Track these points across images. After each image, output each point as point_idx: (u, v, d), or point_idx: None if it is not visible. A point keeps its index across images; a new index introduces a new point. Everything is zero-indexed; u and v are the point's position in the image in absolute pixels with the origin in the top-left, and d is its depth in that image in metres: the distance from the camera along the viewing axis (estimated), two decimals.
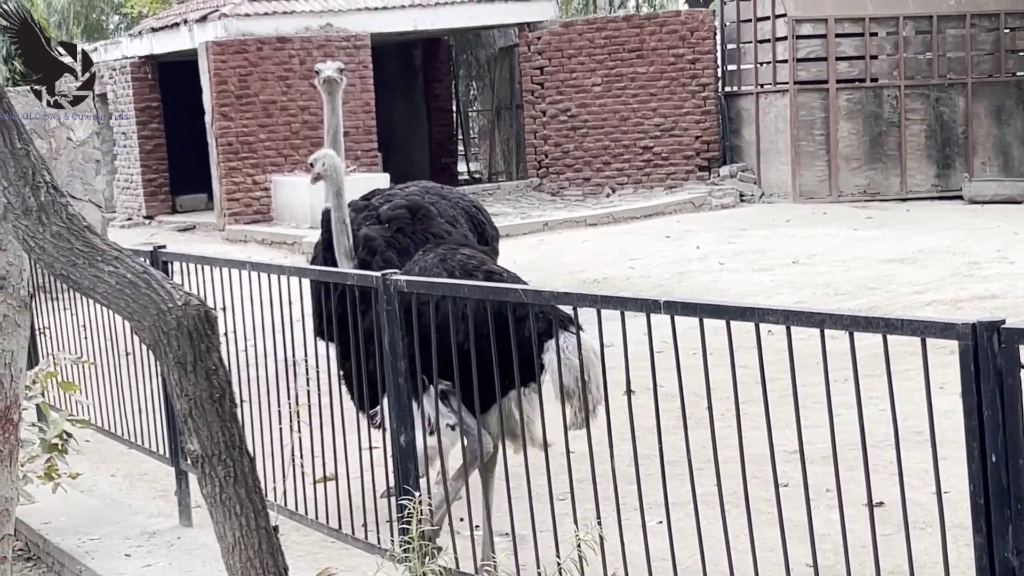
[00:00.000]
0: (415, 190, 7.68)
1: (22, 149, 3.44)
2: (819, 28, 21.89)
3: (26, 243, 3.44)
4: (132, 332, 3.67)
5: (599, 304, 4.57)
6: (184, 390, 3.37)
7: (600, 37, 24.38)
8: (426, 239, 7.18)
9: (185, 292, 3.48)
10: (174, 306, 3.43)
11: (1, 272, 4.52)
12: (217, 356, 3.45)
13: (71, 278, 3.43)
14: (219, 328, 3.72)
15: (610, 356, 4.66)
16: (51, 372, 7.35)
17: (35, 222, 3.43)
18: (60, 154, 17.93)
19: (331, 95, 7.47)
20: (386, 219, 7.29)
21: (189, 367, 3.39)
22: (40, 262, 3.52)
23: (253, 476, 3.50)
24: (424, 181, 8.40)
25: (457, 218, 7.48)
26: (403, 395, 5.35)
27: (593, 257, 17.27)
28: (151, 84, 25.96)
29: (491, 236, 7.86)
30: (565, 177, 24.72)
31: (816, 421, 4.44)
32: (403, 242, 7.14)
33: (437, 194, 7.71)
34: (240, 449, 3.46)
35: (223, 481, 3.41)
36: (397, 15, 24.10)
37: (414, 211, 7.30)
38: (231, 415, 3.44)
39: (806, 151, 22.06)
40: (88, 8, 48.69)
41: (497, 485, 6.27)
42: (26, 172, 3.45)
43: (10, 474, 4.74)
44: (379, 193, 7.77)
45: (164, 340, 3.39)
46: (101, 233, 15.54)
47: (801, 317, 3.98)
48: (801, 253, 16.09)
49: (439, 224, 7.30)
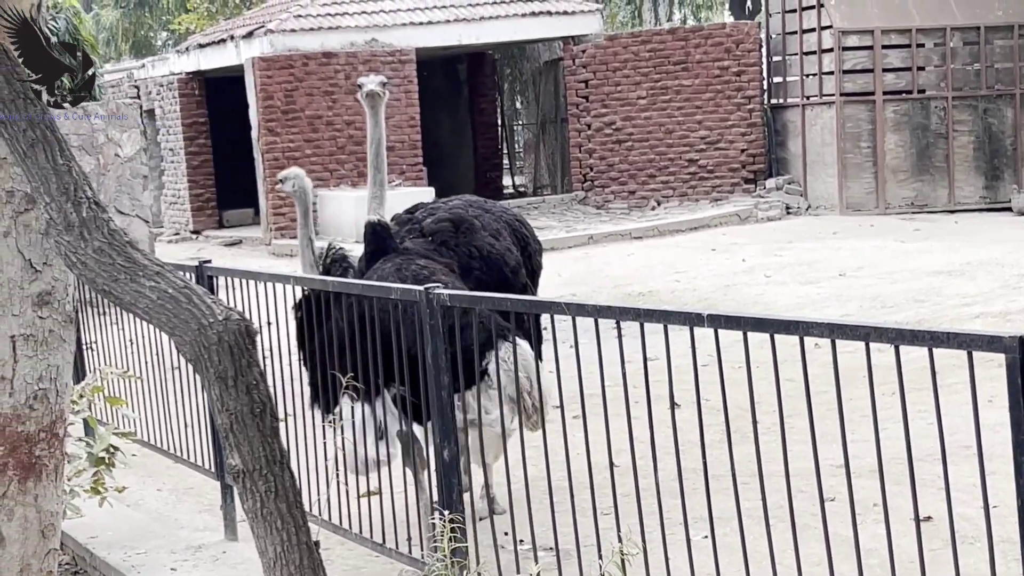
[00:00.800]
0: (459, 204, 7.67)
1: (64, 165, 3.46)
2: (865, 40, 21.77)
3: (68, 259, 3.45)
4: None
5: (642, 318, 4.54)
6: (225, 405, 3.37)
7: (645, 50, 24.35)
8: (469, 252, 7.17)
9: (226, 307, 3.48)
10: (215, 321, 3.43)
11: (47, 287, 4.54)
12: (258, 371, 3.45)
13: (113, 293, 3.44)
14: (261, 343, 3.73)
15: (654, 370, 4.62)
16: (98, 387, 7.39)
17: (77, 238, 3.44)
18: (108, 170, 18.07)
19: (374, 109, 7.47)
20: (429, 232, 7.29)
21: (230, 382, 3.39)
22: (82, 277, 3.54)
23: (294, 491, 3.50)
24: (468, 195, 8.38)
25: (500, 231, 7.46)
26: (446, 410, 5.34)
27: (638, 270, 17.22)
28: (198, 100, 26.13)
29: (534, 250, 7.83)
30: (610, 190, 24.68)
31: (864, 435, 4.40)
32: (445, 255, 7.13)
33: (480, 208, 7.69)
34: (281, 464, 3.45)
35: (264, 496, 3.40)
36: (442, 30, 24.16)
37: (457, 224, 7.30)
38: (272, 430, 3.44)
39: (853, 163, 21.93)
40: (136, 25, 49.13)
41: (540, 497, 6.26)
42: (68, 188, 3.47)
43: (56, 488, 4.76)
44: (422, 207, 7.77)
45: (205, 355, 3.39)
46: (148, 248, 15.57)
47: (846, 330, 3.94)
48: (848, 266, 15.98)
49: (482, 237, 7.28)
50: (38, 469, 4.68)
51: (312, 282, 6.29)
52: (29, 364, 4.60)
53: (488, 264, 7.19)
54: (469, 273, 7.11)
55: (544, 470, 5.32)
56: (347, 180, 23.14)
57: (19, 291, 4.54)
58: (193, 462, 7.79)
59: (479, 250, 7.16)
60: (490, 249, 7.22)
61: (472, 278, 7.09)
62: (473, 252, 7.15)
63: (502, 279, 7.19)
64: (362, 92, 7.60)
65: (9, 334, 4.57)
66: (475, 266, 7.15)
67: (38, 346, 4.61)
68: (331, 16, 23.68)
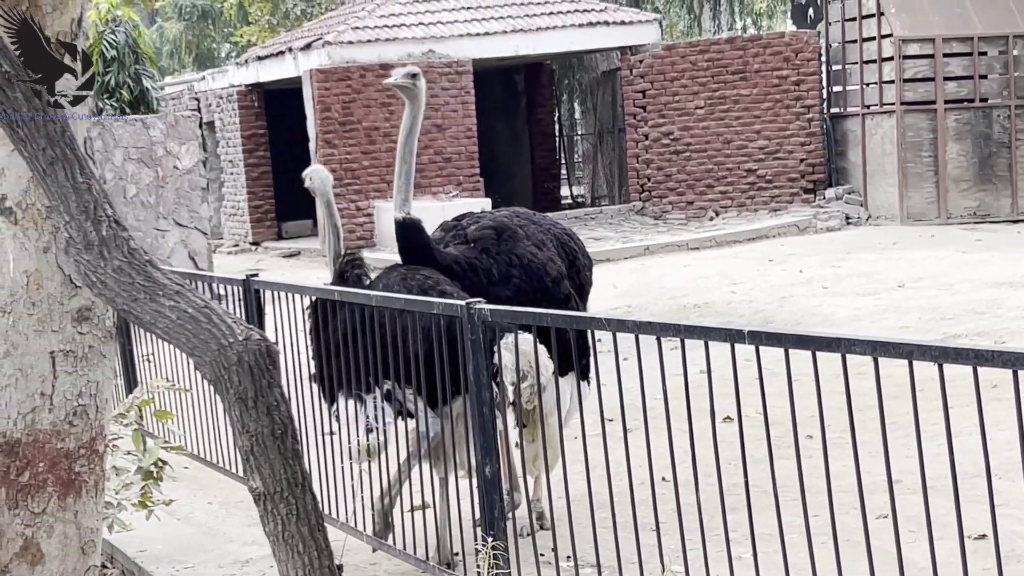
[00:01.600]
0: (505, 213, 7.64)
1: (84, 183, 3.44)
2: (926, 48, 21.55)
3: (87, 278, 3.43)
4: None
5: (683, 334, 4.48)
6: (245, 426, 3.34)
7: (703, 59, 24.23)
8: (509, 260, 7.14)
9: (246, 326, 3.45)
10: (235, 341, 3.40)
11: (86, 303, 4.54)
12: (279, 391, 3.41)
13: (132, 313, 3.42)
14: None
15: (704, 383, 4.55)
16: (146, 400, 7.41)
17: (96, 256, 3.42)
18: (167, 182, 18.21)
19: (408, 99, 7.35)
20: (472, 238, 7.27)
21: (250, 403, 3.36)
22: (101, 296, 3.52)
23: (316, 514, 3.46)
24: (518, 207, 8.32)
25: (545, 242, 7.41)
26: (488, 426, 5.30)
27: (694, 281, 17.11)
28: (257, 112, 26.29)
29: (582, 265, 7.76)
30: (668, 201, 24.58)
31: (916, 451, 4.31)
32: (486, 262, 7.11)
33: (528, 219, 7.65)
34: (303, 486, 3.41)
35: (285, 519, 3.37)
36: (499, 40, 24.16)
37: (500, 231, 7.27)
38: (293, 452, 3.40)
39: (913, 173, 21.69)
40: (200, 37, 49.62)
41: (581, 511, 6.21)
42: (88, 206, 3.45)
43: (96, 505, 4.76)
44: (471, 215, 7.74)
45: (225, 375, 3.36)
46: (206, 260, 15.65)
47: (888, 348, 3.87)
48: (907, 277, 15.79)
49: (524, 246, 7.25)
50: (78, 485, 4.67)
51: (356, 296, 6.27)
52: (69, 380, 4.60)
53: (528, 272, 7.15)
54: (508, 280, 7.09)
55: (583, 485, 5.26)
56: None
57: (59, 307, 4.54)
58: (241, 475, 7.79)
59: (519, 258, 7.13)
60: (531, 258, 7.18)
61: (511, 285, 7.08)
62: (513, 260, 7.12)
63: (541, 288, 7.16)
64: (395, 84, 7.47)
65: (48, 350, 4.56)
66: (514, 274, 7.12)
67: (78, 362, 4.61)
68: (388, 28, 23.75)
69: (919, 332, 12.41)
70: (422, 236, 7.07)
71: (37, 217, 4.36)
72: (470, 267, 7.06)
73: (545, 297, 7.07)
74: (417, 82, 7.30)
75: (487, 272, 7.04)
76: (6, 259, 4.55)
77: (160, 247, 18.14)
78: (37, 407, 4.57)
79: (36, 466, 4.60)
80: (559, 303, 7.13)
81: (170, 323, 3.43)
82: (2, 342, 4.57)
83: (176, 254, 18.22)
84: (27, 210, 4.43)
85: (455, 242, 7.27)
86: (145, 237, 18.07)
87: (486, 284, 6.99)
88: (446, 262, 7.01)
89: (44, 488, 4.61)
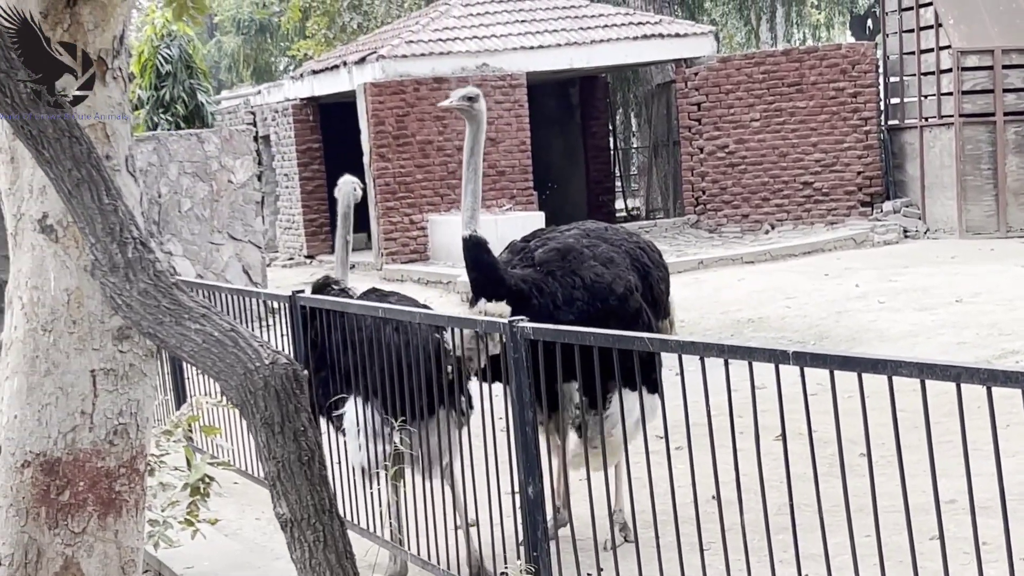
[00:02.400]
0: (574, 232, 7.58)
1: (110, 204, 3.42)
2: (985, 60, 21.30)
3: (113, 300, 3.40)
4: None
5: (726, 354, 4.41)
6: (272, 452, 3.29)
7: (758, 72, 24.09)
8: (572, 282, 7.11)
9: (273, 350, 3.41)
10: (261, 365, 3.36)
11: (127, 322, 4.53)
12: (306, 417, 3.36)
13: (158, 336, 3.39)
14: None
15: (759, 400, 4.47)
16: (194, 416, 7.41)
17: (122, 279, 3.40)
18: (221, 196, 18.31)
19: (469, 119, 7.36)
20: (539, 262, 7.26)
21: (276, 428, 3.32)
22: (127, 319, 3.49)
23: (344, 541, 3.41)
24: (589, 222, 8.27)
25: (614, 258, 7.37)
26: (531, 445, 5.24)
27: (748, 296, 16.97)
28: (312, 125, 26.38)
29: (656, 278, 7.69)
30: (723, 214, 24.43)
31: (975, 470, 4.22)
32: (552, 286, 7.08)
33: (599, 236, 7.59)
34: (330, 513, 3.36)
35: (312, 546, 3.32)
36: (553, 54, 24.13)
37: (564, 253, 7.25)
38: (320, 478, 3.35)
39: (972, 185, 21.44)
40: (257, 51, 49.94)
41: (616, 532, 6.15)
42: (113, 228, 3.42)
43: (136, 524, 4.75)
44: (540, 235, 7.71)
45: (251, 400, 3.32)
46: (260, 273, 15.67)
47: (936, 371, 3.78)
48: (965, 291, 15.57)
49: (588, 267, 7.22)
50: (118, 505, 4.66)
51: (401, 314, 6.24)
52: (109, 399, 4.59)
53: (591, 293, 7.13)
54: (572, 304, 7.09)
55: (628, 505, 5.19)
56: (458, 205, 23.16)
57: (99, 325, 4.53)
58: None
59: (582, 279, 7.11)
60: (594, 278, 7.15)
61: (575, 309, 7.06)
62: (576, 282, 7.10)
63: (606, 308, 7.14)
64: (453, 105, 7.47)
65: (89, 368, 4.56)
66: (577, 296, 7.11)
67: (118, 380, 4.60)
68: (442, 41, 23.78)
69: (976, 348, 12.23)
70: (488, 255, 7.04)
71: (78, 235, 4.35)
72: (537, 290, 7.05)
73: (611, 315, 7.08)
74: (475, 104, 7.28)
75: (552, 296, 7.03)
76: (47, 277, 4.55)
77: (214, 261, 18.23)
78: (77, 426, 4.57)
79: (76, 485, 4.59)
80: (628, 318, 7.14)
81: (196, 347, 3.40)
82: (43, 360, 4.57)
83: (230, 268, 18.32)
84: (68, 228, 4.43)
85: (523, 264, 7.28)
86: (199, 251, 18.17)
87: (552, 308, 6.98)
88: (513, 283, 6.99)
89: (84, 507, 4.60)
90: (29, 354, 4.56)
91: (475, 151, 7.26)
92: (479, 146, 7.27)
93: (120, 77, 4.62)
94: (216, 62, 49.62)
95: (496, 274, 6.98)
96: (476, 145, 7.26)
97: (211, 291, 9.56)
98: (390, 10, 34.78)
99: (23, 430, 4.55)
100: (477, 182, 7.23)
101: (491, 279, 6.95)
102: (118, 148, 4.58)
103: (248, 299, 8.91)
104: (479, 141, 7.27)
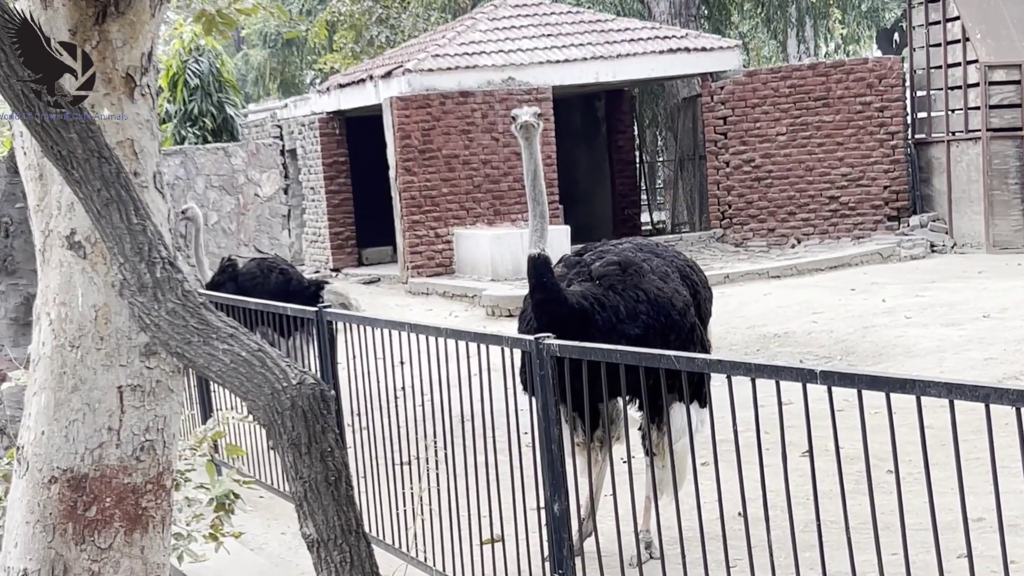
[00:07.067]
0: (628, 247, 7.63)
1: (139, 225, 3.43)
2: (1012, 74, 21.22)
3: (141, 320, 3.42)
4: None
5: (753, 373, 4.40)
6: (299, 472, 3.30)
7: (785, 86, 24.05)
8: (636, 296, 7.13)
9: (300, 370, 3.42)
10: (288, 385, 3.37)
11: (155, 342, 4.54)
12: (333, 437, 3.37)
13: (186, 356, 3.40)
14: (392, 383, 3.67)
15: (787, 415, 4.46)
16: (219, 432, 7.42)
17: (150, 299, 3.41)
18: (248, 209, 18.39)
19: (528, 140, 7.37)
20: (597, 276, 7.27)
21: (303, 449, 3.32)
22: (155, 339, 3.51)
23: (371, 562, 3.41)
24: (638, 238, 8.31)
25: (669, 274, 7.42)
26: (556, 463, 5.23)
27: (774, 310, 16.92)
28: (338, 139, 26.43)
29: (703, 297, 7.78)
30: (749, 228, 24.38)
31: (1003, 488, 4.19)
32: (613, 300, 7.08)
33: (651, 251, 7.65)
34: (357, 533, 3.36)
35: (339, 567, 3.32)
36: (579, 67, 24.14)
37: (625, 267, 7.27)
38: (347, 498, 3.35)
39: (1000, 200, 21.35)
40: (284, 64, 50.13)
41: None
42: (142, 248, 3.44)
43: (163, 540, 4.75)
44: (591, 248, 7.73)
45: (278, 420, 3.33)
46: None
47: (964, 391, 3.77)
48: (993, 307, 15.48)
49: (650, 280, 7.25)
50: (144, 521, 4.67)
51: (427, 330, 6.24)
52: (136, 415, 4.60)
53: (655, 307, 7.16)
54: (636, 317, 7.10)
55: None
56: (483, 219, 23.19)
57: (127, 341, 4.55)
58: None
59: (646, 293, 7.13)
60: (657, 292, 7.19)
61: (639, 323, 7.08)
62: (640, 296, 7.11)
63: (669, 322, 7.18)
64: (516, 124, 7.47)
65: (116, 384, 4.57)
66: (641, 310, 7.12)
67: (145, 397, 4.61)
68: (468, 55, 23.81)
69: (1003, 364, 12.17)
70: (551, 275, 7.00)
71: (106, 252, 4.37)
72: (599, 304, 7.04)
73: (672, 329, 7.13)
74: (540, 121, 7.36)
75: (615, 309, 7.03)
76: (75, 293, 4.57)
77: None
78: (104, 442, 4.58)
79: (103, 501, 4.60)
80: (686, 333, 7.20)
81: (223, 367, 3.41)
82: (70, 376, 4.58)
83: None
84: (96, 245, 4.45)
85: (579, 279, 7.27)
86: None
87: (615, 322, 6.99)
88: (574, 300, 6.98)
89: (111, 523, 4.61)
90: (56, 370, 4.57)
91: (537, 173, 7.24)
92: (540, 166, 7.27)
93: (148, 94, 4.64)
94: (243, 75, 49.80)
95: (557, 293, 6.97)
96: (537, 166, 7.26)
97: (236, 306, 9.55)
98: (417, 24, 34.83)
99: (50, 446, 4.56)
100: (543, 202, 7.21)
101: (552, 298, 6.93)
102: (146, 165, 4.60)
103: (275, 315, 8.91)
104: (538, 161, 7.29)
